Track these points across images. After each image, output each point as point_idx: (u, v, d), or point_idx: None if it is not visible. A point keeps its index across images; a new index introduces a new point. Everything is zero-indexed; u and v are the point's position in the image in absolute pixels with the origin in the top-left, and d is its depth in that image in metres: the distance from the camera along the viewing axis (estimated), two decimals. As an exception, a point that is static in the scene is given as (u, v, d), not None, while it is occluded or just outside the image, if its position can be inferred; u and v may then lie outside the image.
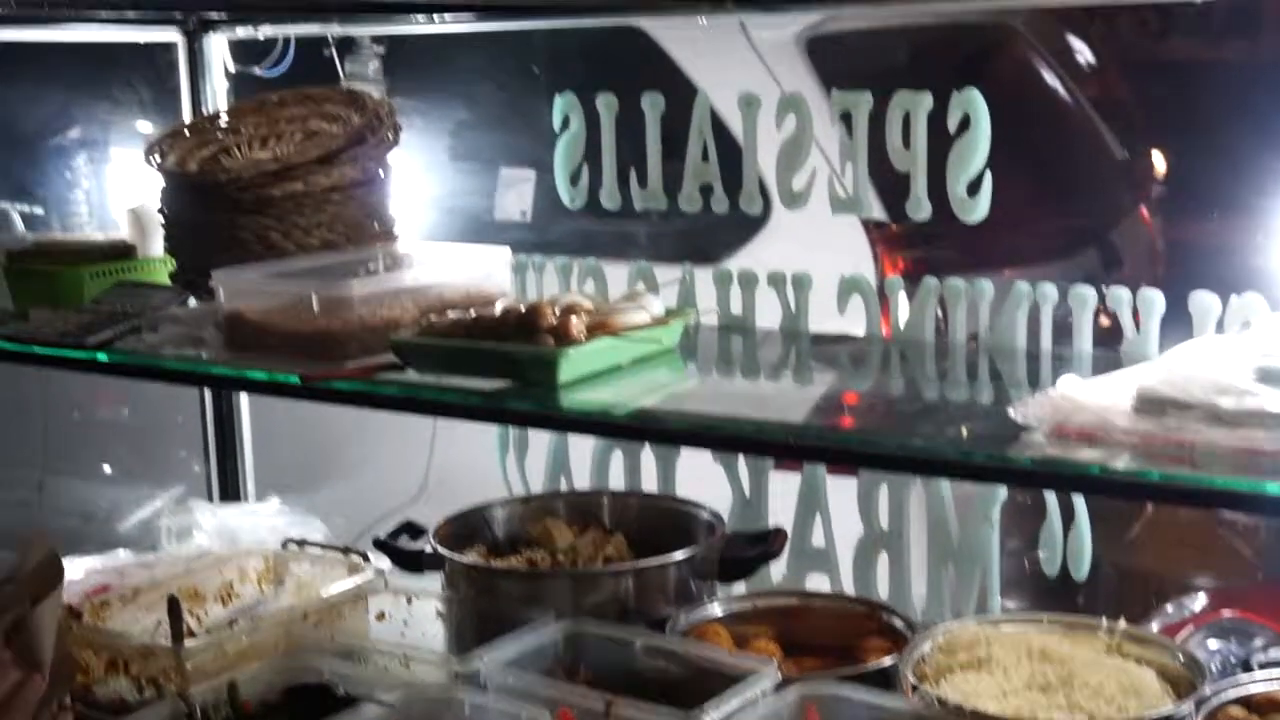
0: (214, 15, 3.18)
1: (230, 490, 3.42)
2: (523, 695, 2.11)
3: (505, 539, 2.67)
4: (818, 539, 2.65)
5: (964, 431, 1.91)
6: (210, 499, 3.39)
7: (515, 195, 4.29)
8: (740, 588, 2.54)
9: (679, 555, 2.42)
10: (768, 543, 2.45)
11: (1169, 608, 3.43)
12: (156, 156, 2.83)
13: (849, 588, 2.59)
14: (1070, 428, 1.79)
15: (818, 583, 2.64)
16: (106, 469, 4.86)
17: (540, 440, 2.95)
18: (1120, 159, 4.36)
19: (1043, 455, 1.78)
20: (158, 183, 2.83)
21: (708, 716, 1.98)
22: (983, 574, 2.47)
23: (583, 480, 2.90)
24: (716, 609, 2.40)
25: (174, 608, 2.36)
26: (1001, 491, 2.43)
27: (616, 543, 2.59)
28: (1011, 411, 1.84)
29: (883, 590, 2.58)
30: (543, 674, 2.19)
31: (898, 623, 2.33)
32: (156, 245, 3.01)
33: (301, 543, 2.72)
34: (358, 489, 4.00)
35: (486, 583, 2.46)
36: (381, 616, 2.50)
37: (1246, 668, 2.27)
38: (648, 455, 2.84)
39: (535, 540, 2.63)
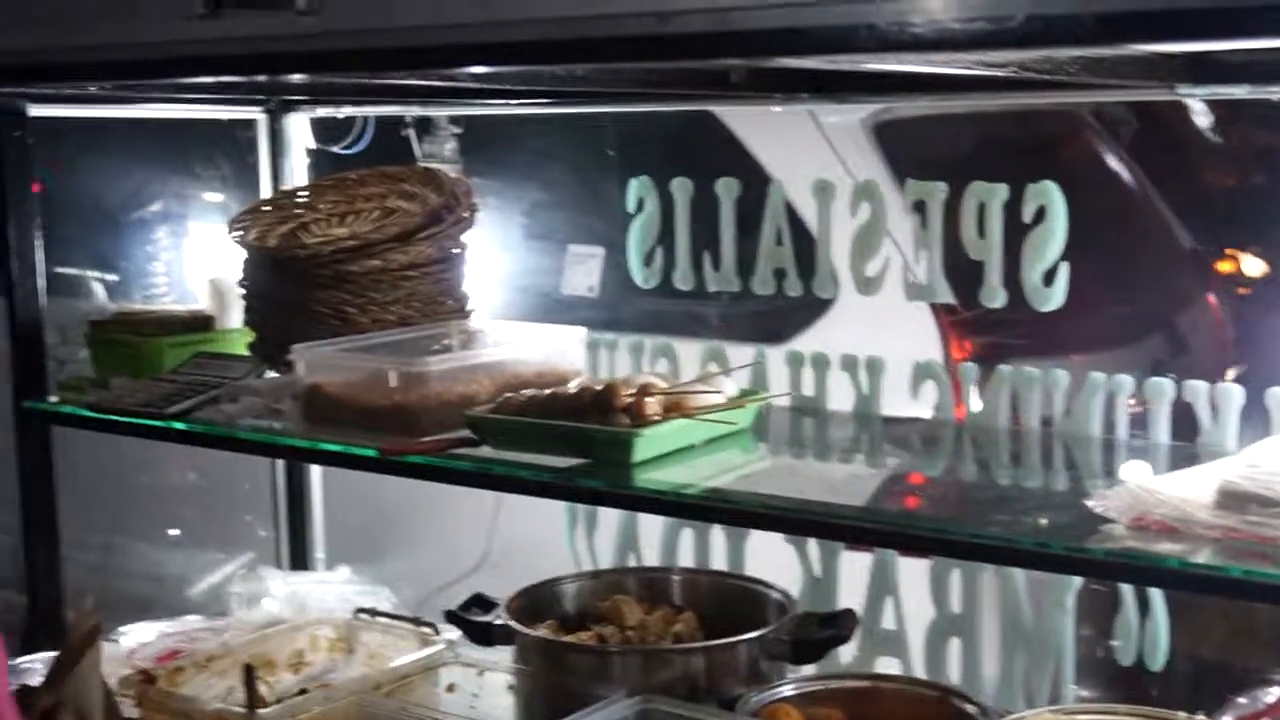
0: (296, 96, 3.26)
1: (299, 558, 3.45)
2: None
3: (575, 614, 2.68)
4: (889, 621, 2.65)
5: (1042, 522, 1.91)
6: (279, 566, 3.43)
7: (583, 271, 4.34)
8: (810, 668, 2.54)
9: (750, 635, 2.42)
10: (840, 625, 2.45)
11: (1242, 699, 3.39)
12: (238, 231, 2.90)
13: (920, 671, 2.58)
14: (1150, 520, 1.79)
15: (888, 665, 2.63)
16: (174, 533, 4.91)
17: (609, 516, 2.97)
18: (1188, 247, 4.36)
19: (1121, 547, 1.79)
20: (238, 256, 2.89)
21: (779, 798, 1.98)
22: (1056, 661, 2.46)
23: (651, 557, 2.92)
24: (787, 689, 2.40)
25: (249, 675, 2.39)
26: (1076, 579, 2.43)
27: (686, 620, 2.60)
28: (1090, 502, 1.85)
29: (954, 674, 2.58)
30: (614, 753, 2.20)
31: (970, 709, 2.31)
32: (235, 317, 3.07)
33: (373, 612, 2.74)
34: (421, 559, 4.03)
35: (558, 657, 2.47)
36: (452, 688, 2.52)
37: (1322, 764, 2.25)
38: (717, 533, 2.85)
39: (605, 616, 2.64)
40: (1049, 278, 2.33)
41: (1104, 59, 1.94)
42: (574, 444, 2.24)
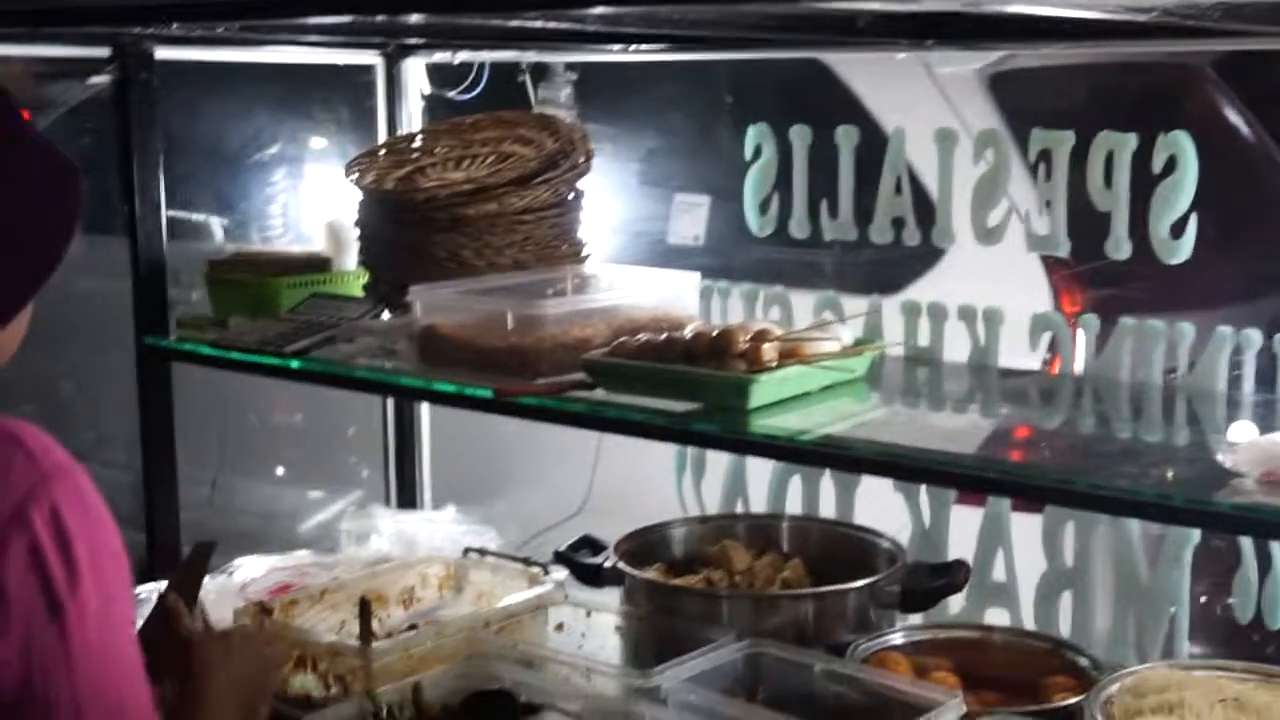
0: (413, 41, 3.28)
1: (406, 497, 3.50)
2: (703, 713, 2.13)
3: (683, 558, 2.70)
4: (999, 573, 2.63)
5: (1168, 474, 1.89)
6: (387, 505, 3.47)
7: (689, 220, 4.34)
8: (917, 618, 2.53)
9: (862, 582, 2.42)
10: (952, 574, 2.44)
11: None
12: (355, 174, 2.92)
13: (1029, 624, 2.57)
14: (1281, 475, 1.77)
15: (997, 618, 2.62)
16: (280, 472, 4.99)
17: (717, 463, 2.98)
18: (1309, 202, 4.26)
19: (1250, 501, 1.76)
20: (354, 199, 2.92)
21: (892, 746, 1.98)
22: (1170, 617, 2.43)
23: (759, 504, 2.92)
24: (896, 638, 2.40)
25: (364, 608, 2.43)
26: (1194, 534, 2.40)
27: (794, 567, 2.60)
28: (1219, 456, 1.83)
29: (1064, 628, 2.56)
30: (722, 693, 2.21)
31: (1083, 662, 2.31)
32: (350, 259, 3.11)
33: (483, 551, 2.78)
34: (525, 501, 4.07)
35: (666, 600, 2.49)
36: (560, 628, 2.54)
37: None
38: (826, 482, 2.85)
39: (713, 561, 2.66)
40: (1177, 230, 2.29)
41: (1248, 3, 1.89)
42: (689, 389, 2.25)
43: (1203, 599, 2.49)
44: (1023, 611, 2.62)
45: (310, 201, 3.46)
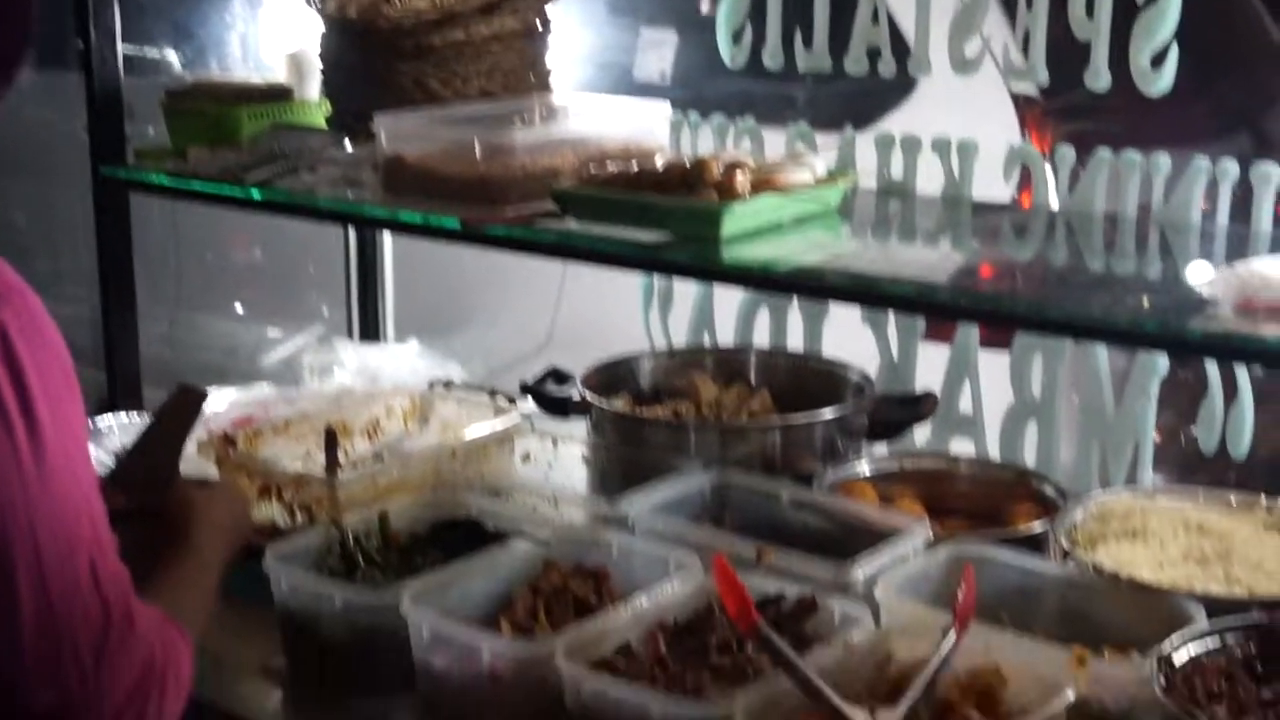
0: None
1: (370, 332, 3.47)
2: (671, 539, 2.13)
3: (650, 390, 2.69)
4: (965, 405, 2.64)
5: (1145, 302, 1.89)
6: (350, 339, 3.45)
7: (655, 57, 4.26)
8: (883, 449, 2.54)
9: (829, 412, 2.42)
10: (919, 405, 2.45)
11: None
12: (318, 1, 2.84)
13: (995, 455, 2.58)
14: (1258, 303, 1.76)
15: (963, 449, 2.64)
16: (239, 309, 4.95)
17: (684, 295, 2.96)
18: (1277, 41, 4.22)
19: (1224, 329, 1.76)
20: (317, 28, 2.84)
21: (859, 569, 1.99)
22: (1135, 447, 2.45)
23: (727, 337, 2.92)
24: (863, 467, 2.41)
25: (331, 437, 2.42)
26: (1161, 365, 2.41)
27: (761, 399, 2.60)
28: (1196, 285, 1.82)
29: (1029, 459, 2.58)
30: (689, 521, 2.22)
31: (1048, 490, 2.32)
32: (312, 89, 3.03)
33: (448, 383, 2.76)
34: (488, 335, 4.05)
35: (633, 431, 2.49)
36: (527, 458, 2.54)
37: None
38: (794, 314, 2.84)
39: (680, 392, 2.65)
40: (1158, 61, 2.26)
41: None
42: (661, 218, 2.21)
43: (1167, 430, 2.50)
44: (988, 443, 2.64)
45: (271, 31, 3.38)
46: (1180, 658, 1.77)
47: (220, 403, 3.13)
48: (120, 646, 1.47)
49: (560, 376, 2.64)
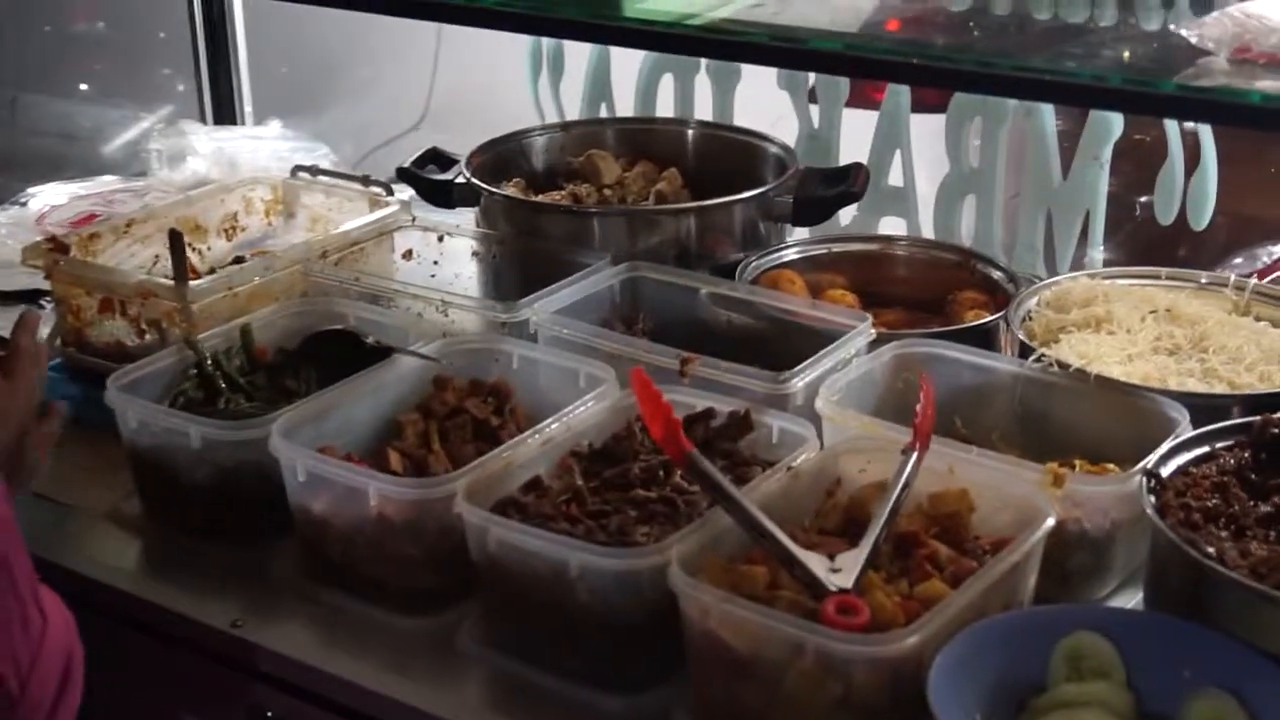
0: None
1: (224, 112, 3.11)
2: (579, 348, 1.87)
3: (543, 171, 2.39)
4: (895, 177, 2.38)
5: (1125, 54, 1.61)
6: (203, 120, 3.08)
7: None
8: (801, 233, 2.28)
9: (751, 192, 2.14)
10: (848, 180, 2.17)
11: (1239, 259, 3.20)
12: None
13: (929, 233, 2.33)
14: (1257, 52, 1.50)
15: (894, 226, 2.39)
16: (84, 87, 4.50)
17: (577, 63, 2.64)
18: None
19: (1219, 84, 1.50)
20: None
21: (798, 379, 1.74)
22: (1085, 221, 2.21)
23: (626, 109, 2.60)
24: (790, 254, 2.15)
25: (176, 241, 2.09)
26: (1115, 128, 2.15)
27: (669, 178, 2.31)
28: (1184, 32, 1.55)
29: (965, 237, 2.34)
30: (598, 323, 1.95)
31: (995, 274, 2.08)
32: None
33: (314, 170, 2.42)
34: (355, 113, 3.66)
35: (529, 219, 2.19)
36: (409, 255, 2.23)
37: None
38: (701, 83, 2.53)
39: (578, 173, 2.36)
40: None
41: None
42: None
43: (1117, 200, 2.26)
44: (922, 220, 2.39)
45: None
46: (1167, 471, 1.55)
47: (57, 196, 2.79)
48: None
49: (441, 159, 2.32)
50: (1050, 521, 1.47)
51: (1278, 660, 1.32)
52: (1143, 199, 2.33)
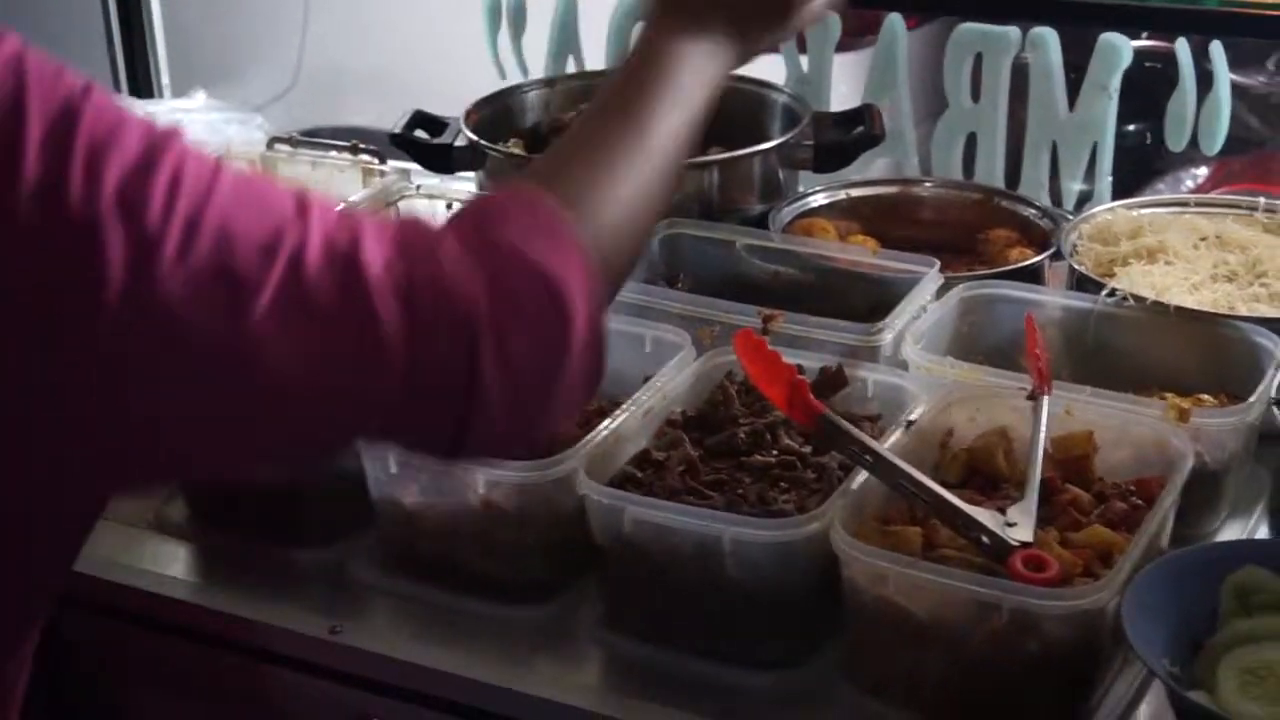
0: None
1: (141, 85, 2.92)
2: (635, 312, 1.79)
3: (533, 129, 2.29)
4: (887, 119, 2.33)
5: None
6: (118, 94, 2.90)
7: None
8: (811, 179, 2.23)
9: (775, 141, 2.09)
10: (866, 123, 2.13)
11: (1161, 185, 3.26)
12: None
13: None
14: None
15: (887, 171, 2.36)
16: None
17: (539, 15, 2.54)
18: None
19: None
20: None
21: (887, 330, 1.70)
22: (1093, 152, 2.21)
23: (596, 60, 2.52)
24: (816, 201, 2.10)
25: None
26: (1125, 55, 2.14)
27: (667, 131, 2.24)
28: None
29: (957, 173, 2.32)
30: (645, 285, 1.88)
31: (1024, 211, 2.07)
32: None
33: (293, 140, 2.29)
34: (282, 80, 3.50)
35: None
36: (413, 226, 2.12)
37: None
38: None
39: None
40: None
41: None
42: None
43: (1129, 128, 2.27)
44: (914, 162, 2.36)
45: None
46: (1283, 397, 1.56)
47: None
48: None
49: (431, 122, 2.21)
50: (1191, 458, 1.46)
51: None
52: (1130, 127, 2.34)
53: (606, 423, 1.56)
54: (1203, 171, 3.30)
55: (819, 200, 2.10)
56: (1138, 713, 1.40)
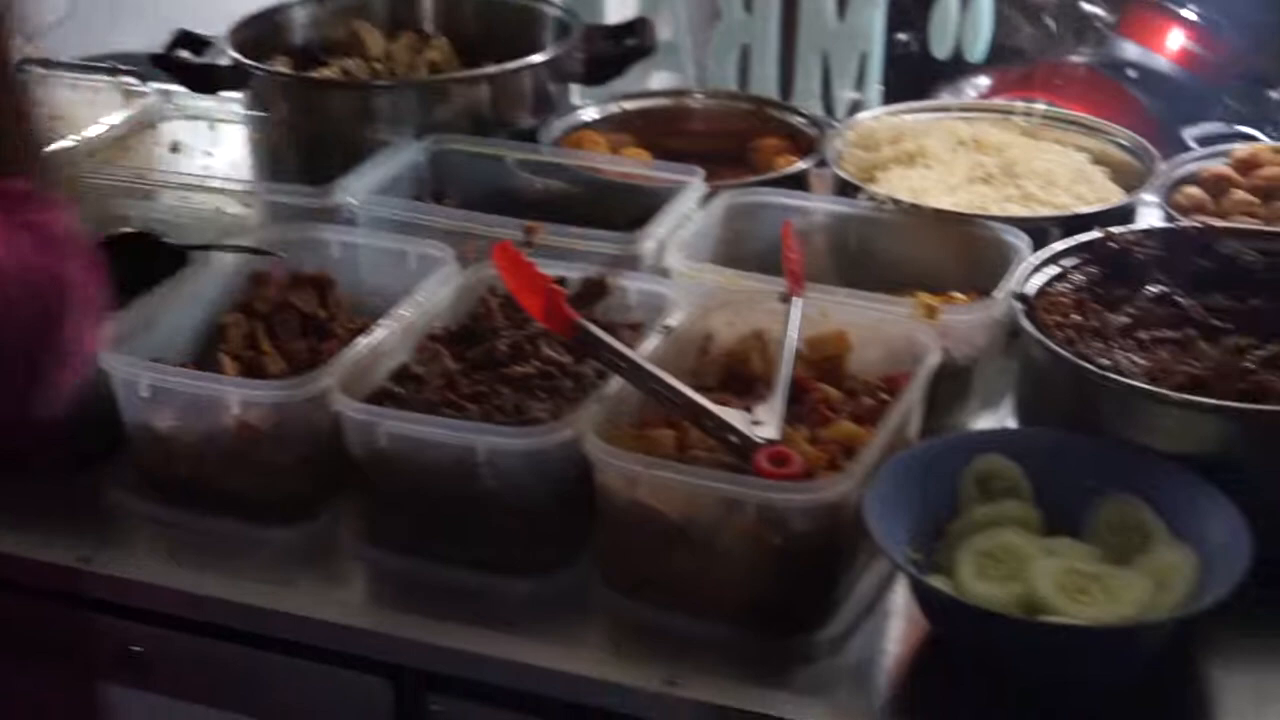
0: None
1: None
2: (400, 228, 1.78)
3: (302, 48, 2.24)
4: (664, 32, 2.34)
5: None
6: None
7: None
8: (587, 94, 2.22)
9: (545, 55, 2.07)
10: (638, 35, 2.12)
11: (947, 96, 3.32)
12: None
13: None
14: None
15: (664, 83, 2.36)
16: None
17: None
18: None
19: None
20: None
21: (648, 238, 1.71)
22: (862, 63, 2.24)
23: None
24: (588, 114, 2.10)
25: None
26: (893, -33, 2.18)
27: (439, 47, 2.21)
28: None
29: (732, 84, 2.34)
30: (412, 202, 1.86)
31: (793, 119, 2.09)
32: None
33: (45, 62, 2.20)
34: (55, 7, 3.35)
35: (310, 99, 2.06)
36: (177, 148, 2.07)
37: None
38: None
39: (340, 49, 2.22)
40: None
41: None
42: None
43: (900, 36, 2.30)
44: (692, 73, 2.37)
45: None
46: (1030, 291, 1.60)
47: None
48: None
49: (195, 41, 2.15)
50: (937, 354, 1.50)
51: (1175, 459, 1.39)
52: (901, 36, 2.37)
53: (362, 339, 1.55)
54: (985, 82, 3.37)
55: (590, 114, 2.10)
56: (892, 600, 1.44)
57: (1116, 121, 2.02)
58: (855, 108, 2.26)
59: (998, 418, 1.66)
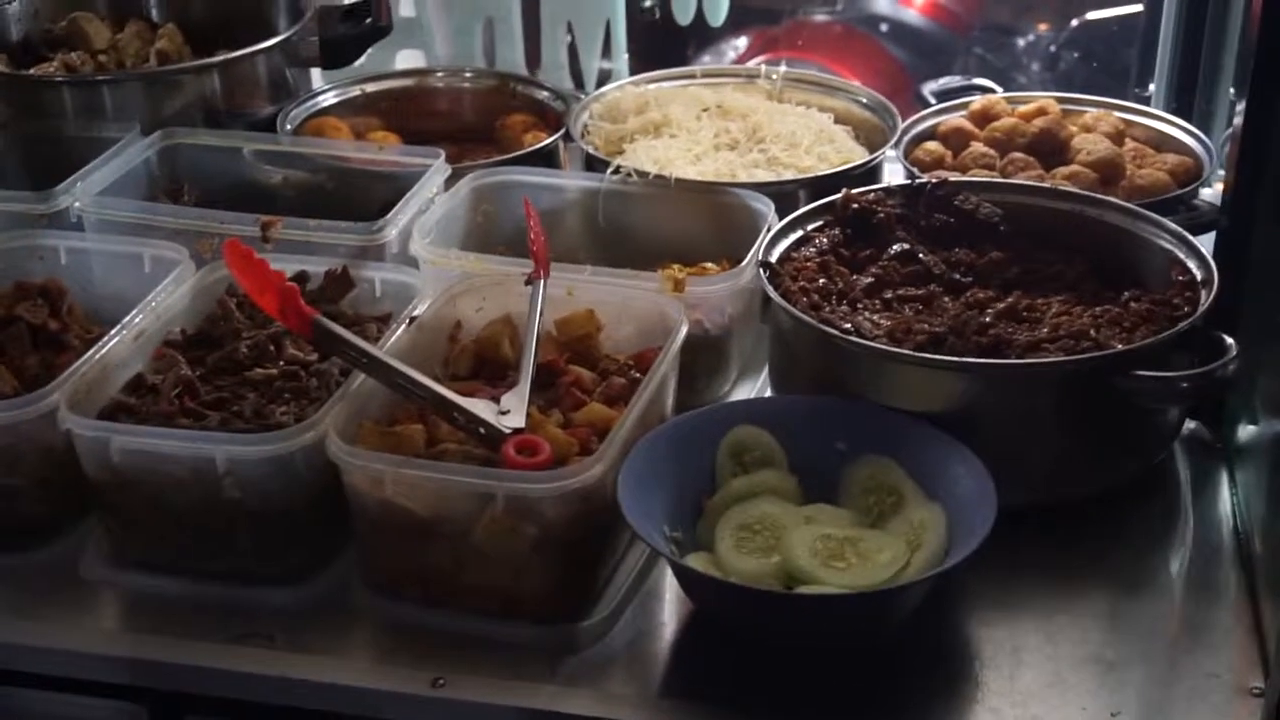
0: None
1: None
2: (133, 230, 1.70)
3: (22, 42, 2.13)
4: (407, 8, 2.29)
5: None
6: None
7: None
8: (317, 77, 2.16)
9: (274, 40, 2.00)
10: (372, 13, 2.06)
11: (707, 59, 3.33)
12: None
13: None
14: None
15: (412, 61, 2.31)
16: None
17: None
18: None
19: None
20: None
21: (391, 227, 1.66)
22: (607, 30, 2.22)
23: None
24: (327, 99, 2.04)
25: None
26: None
27: (169, 35, 2.12)
28: None
29: (478, 59, 2.30)
30: (140, 200, 1.78)
31: (538, 94, 2.06)
32: None
33: None
34: None
35: (26, 98, 1.96)
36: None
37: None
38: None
39: (62, 41, 2.12)
40: None
41: None
42: None
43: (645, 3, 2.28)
44: (438, 50, 2.32)
45: None
46: (775, 259, 1.60)
47: None
48: None
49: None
50: (685, 326, 1.49)
51: (922, 418, 1.40)
52: (646, 3, 2.36)
53: (91, 351, 1.47)
54: (743, 43, 3.39)
55: (330, 99, 2.04)
56: (659, 580, 1.43)
57: (871, 76, 2.04)
58: (606, 78, 2.24)
59: (758, 388, 1.66)
